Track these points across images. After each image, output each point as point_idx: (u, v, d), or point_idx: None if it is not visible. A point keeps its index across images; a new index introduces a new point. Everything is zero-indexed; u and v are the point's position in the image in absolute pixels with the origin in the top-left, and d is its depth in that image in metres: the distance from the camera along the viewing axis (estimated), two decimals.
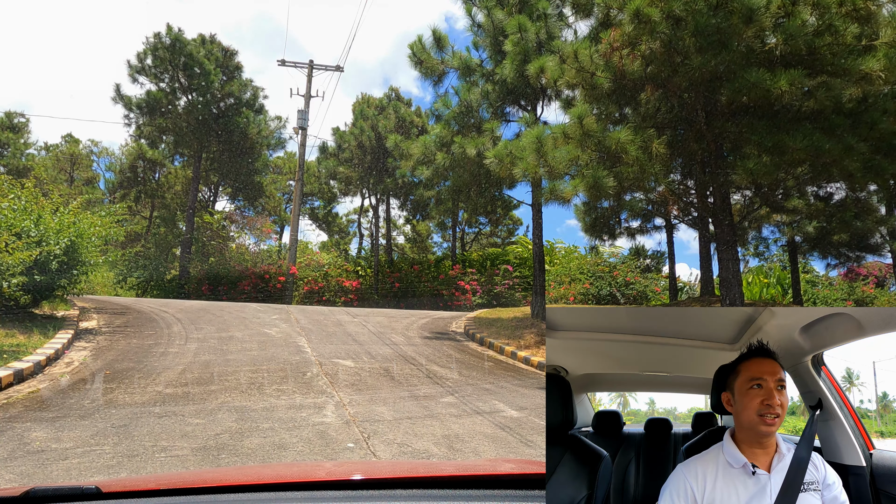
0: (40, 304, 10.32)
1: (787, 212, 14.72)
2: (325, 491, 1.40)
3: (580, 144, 8.19)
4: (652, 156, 8.25)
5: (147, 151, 27.95)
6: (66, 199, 11.97)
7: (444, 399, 6.67)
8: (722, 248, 9.07)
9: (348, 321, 13.13)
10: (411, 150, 12.96)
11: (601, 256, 29.44)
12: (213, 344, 9.23)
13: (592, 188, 7.84)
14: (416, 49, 13.90)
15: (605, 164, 8.45)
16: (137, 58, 22.68)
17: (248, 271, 23.99)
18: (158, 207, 29.17)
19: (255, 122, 25.02)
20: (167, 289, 24.02)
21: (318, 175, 29.96)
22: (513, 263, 27.64)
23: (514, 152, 8.95)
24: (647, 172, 8.20)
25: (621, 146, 8.03)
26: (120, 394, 6.11)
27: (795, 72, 6.87)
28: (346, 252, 33.41)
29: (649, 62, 8.57)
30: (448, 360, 9.32)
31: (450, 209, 14.09)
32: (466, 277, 24.97)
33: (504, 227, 35.99)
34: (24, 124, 31.70)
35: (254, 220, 29.60)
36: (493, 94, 12.85)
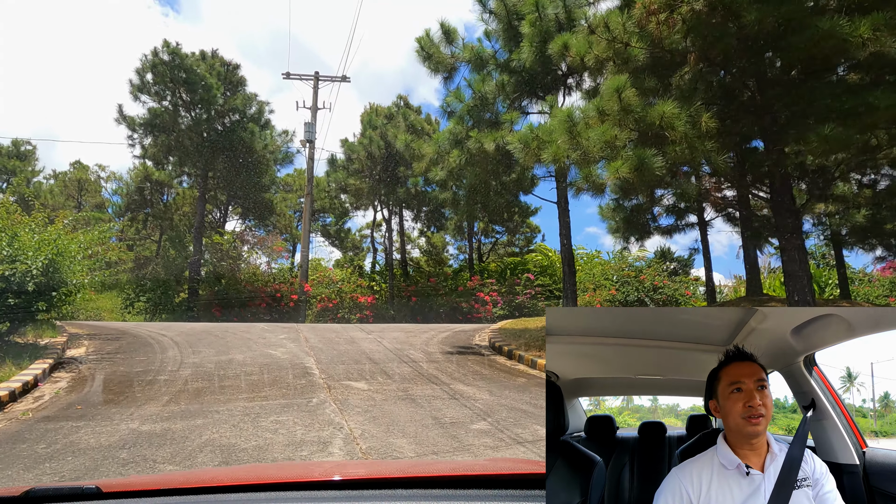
0: (22, 330, 9.37)
1: (834, 200, 13.45)
2: (325, 491, 1.39)
3: (618, 122, 7.08)
4: (702, 132, 7.10)
5: (153, 173, 27.30)
6: (72, 224, 11.13)
7: (475, 425, 5.54)
8: (785, 237, 7.84)
9: (362, 338, 12.05)
10: (423, 150, 11.94)
11: (625, 261, 28.13)
12: (208, 369, 8.18)
13: (638, 170, 6.71)
14: (424, 43, 12.94)
15: (646, 144, 7.33)
16: (138, 75, 22.04)
17: (259, 291, 23.13)
18: (167, 229, 28.45)
19: (261, 137, 24.22)
20: (177, 312, 23.20)
21: (328, 190, 29.19)
22: (533, 272, 26.53)
23: (541, 136, 7.86)
24: (697, 151, 7.05)
25: (667, 121, 6.90)
26: (85, 434, 5.06)
27: (879, 15, 5.72)
28: (361, 268, 32.44)
29: (691, 26, 7.47)
30: (475, 378, 8.18)
31: (467, 211, 12.98)
32: (486, 288, 23.91)
33: (521, 236, 34.78)
34: (30, 152, 31.38)
35: (265, 240, 28.81)
36: (510, 86, 11.80)
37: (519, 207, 29.27)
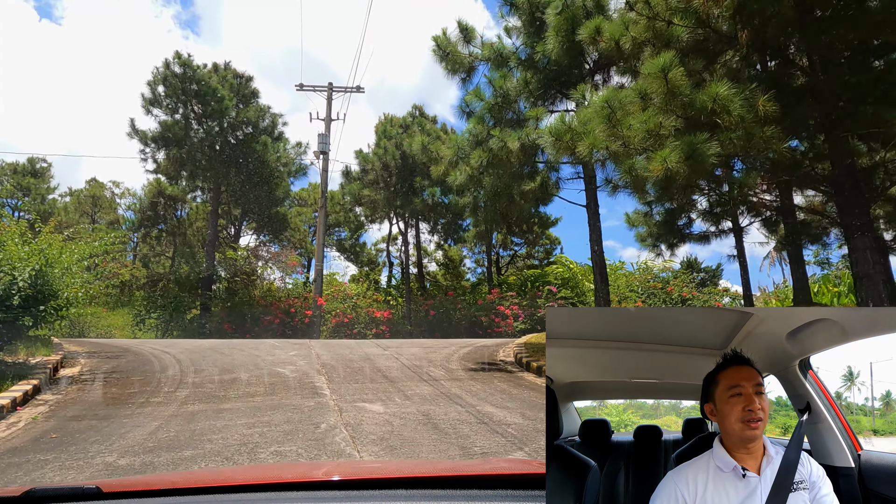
0: (12, 347, 8.68)
1: (886, 200, 12.44)
2: (325, 491, 1.37)
3: (664, 107, 6.25)
4: (759, 116, 6.23)
5: (167, 188, 26.91)
6: (71, 235, 10.57)
7: (511, 457, 4.67)
8: (855, 235, 6.89)
9: (378, 354, 11.22)
10: (442, 152, 11.18)
11: (650, 272, 27.06)
12: (208, 390, 7.40)
13: (689, 159, 5.86)
14: (441, 41, 12.25)
15: (694, 132, 6.46)
16: (150, 88, 21.70)
17: (272, 306, 22.50)
18: (180, 245, 28.00)
19: (274, 149, 23.71)
20: (188, 329, 22.60)
21: (342, 203, 28.61)
22: (555, 284, 25.60)
23: (576, 127, 7.04)
24: (756, 138, 6.17)
25: (721, 104, 6.04)
26: (51, 470, 4.28)
27: None
28: (377, 282, 31.69)
29: (742, 1, 6.64)
30: (504, 398, 7.30)
31: (489, 217, 12.16)
32: (506, 302, 23.02)
33: (540, 248, 33.83)
34: (45, 169, 31.27)
35: (279, 255, 28.23)
36: (534, 83, 11.03)
37: (539, 218, 28.45)
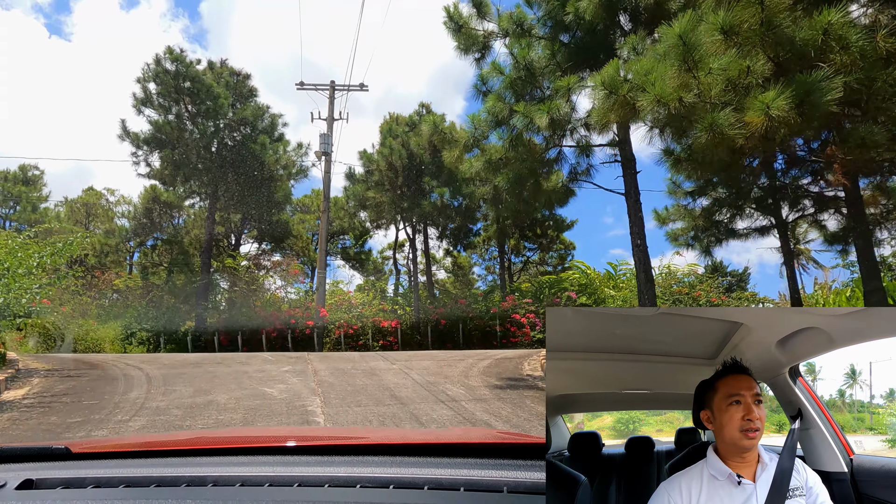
0: None
1: None
2: (323, 456, 1.30)
3: (757, 43, 4.75)
4: (879, 55, 4.72)
5: (161, 194, 25.57)
6: (26, 236, 9.22)
7: None
8: None
9: (385, 369, 9.69)
10: (457, 135, 9.70)
11: (674, 276, 25.45)
12: (172, 418, 5.88)
13: (803, 105, 4.35)
14: (454, 14, 10.82)
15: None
16: (141, 86, 20.41)
17: (270, 316, 21.03)
18: (176, 253, 26.61)
19: (273, 149, 22.34)
20: (182, 343, 21.13)
21: (346, 208, 27.22)
22: (572, 290, 24.06)
23: (635, 77, 5.53)
24: (877, 81, 4.65)
25: (834, 34, 4.54)
26: None
27: None
28: (383, 291, 30.18)
29: None
30: (542, 424, 5.74)
31: (511, 208, 10.64)
32: (521, 310, 21.47)
33: (554, 254, 32.25)
34: (38, 177, 30.07)
35: (280, 263, 26.80)
36: (562, 55, 9.56)
37: (554, 220, 26.93)
